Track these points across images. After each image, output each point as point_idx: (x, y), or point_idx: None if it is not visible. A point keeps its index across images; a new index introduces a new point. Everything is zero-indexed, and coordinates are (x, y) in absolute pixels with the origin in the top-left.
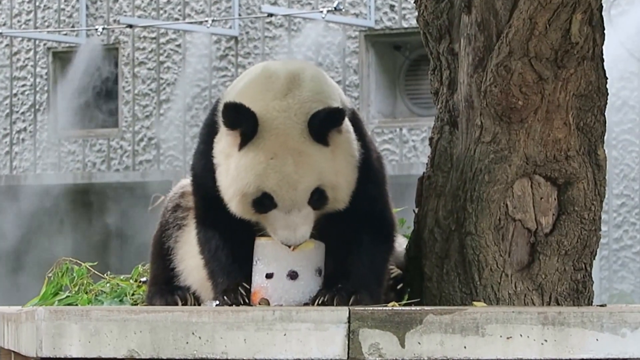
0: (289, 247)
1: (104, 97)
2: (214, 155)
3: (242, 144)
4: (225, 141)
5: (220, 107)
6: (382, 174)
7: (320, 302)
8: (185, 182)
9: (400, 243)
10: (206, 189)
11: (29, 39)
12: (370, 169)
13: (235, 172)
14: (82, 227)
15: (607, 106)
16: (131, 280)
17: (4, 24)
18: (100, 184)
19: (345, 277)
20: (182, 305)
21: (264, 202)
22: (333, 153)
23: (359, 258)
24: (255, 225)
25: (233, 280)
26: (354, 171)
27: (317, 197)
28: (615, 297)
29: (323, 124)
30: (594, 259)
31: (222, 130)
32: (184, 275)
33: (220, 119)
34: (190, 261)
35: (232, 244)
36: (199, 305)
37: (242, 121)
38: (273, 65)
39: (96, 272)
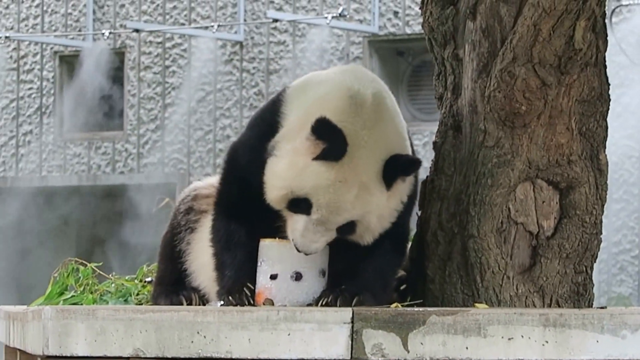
0: (299, 251)
1: (109, 100)
2: (275, 142)
3: (320, 157)
4: (301, 142)
5: (285, 109)
6: (415, 198)
7: (323, 302)
8: (198, 185)
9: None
10: (245, 182)
11: (36, 43)
12: (411, 198)
13: (298, 171)
14: (86, 228)
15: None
16: (136, 281)
17: (12, 28)
18: (104, 185)
19: (350, 279)
20: (187, 305)
21: (300, 205)
22: (388, 198)
23: (369, 263)
24: (278, 228)
25: (239, 279)
26: (394, 216)
27: (346, 227)
28: (613, 300)
29: (398, 171)
30: (595, 262)
31: (303, 134)
32: (194, 275)
33: (284, 119)
34: (202, 259)
35: (251, 242)
36: (204, 305)
37: (333, 142)
38: (350, 80)
39: (101, 272)
